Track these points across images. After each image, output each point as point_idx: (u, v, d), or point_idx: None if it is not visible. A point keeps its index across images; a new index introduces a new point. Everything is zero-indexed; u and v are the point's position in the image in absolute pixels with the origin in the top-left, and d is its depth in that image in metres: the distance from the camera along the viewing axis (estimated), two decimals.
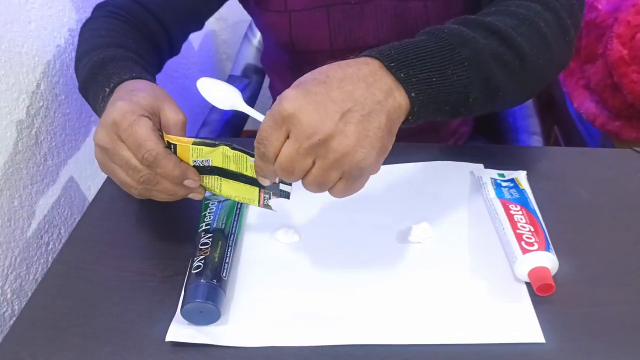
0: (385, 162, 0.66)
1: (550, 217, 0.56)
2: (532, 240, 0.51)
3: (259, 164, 0.46)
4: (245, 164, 0.49)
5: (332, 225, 0.59)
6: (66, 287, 0.54)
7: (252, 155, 0.47)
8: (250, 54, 1.12)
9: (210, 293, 0.48)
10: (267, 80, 1.08)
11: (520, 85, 0.54)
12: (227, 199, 0.58)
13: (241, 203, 0.59)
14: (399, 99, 0.45)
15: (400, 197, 0.62)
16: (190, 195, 0.52)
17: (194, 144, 0.49)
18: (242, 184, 0.51)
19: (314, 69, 0.46)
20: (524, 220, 0.54)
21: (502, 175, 0.62)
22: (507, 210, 0.56)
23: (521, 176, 0.62)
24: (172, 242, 0.58)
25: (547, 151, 0.68)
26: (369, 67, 0.46)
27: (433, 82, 0.47)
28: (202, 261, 0.50)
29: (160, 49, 0.71)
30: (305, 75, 0.45)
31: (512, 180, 0.61)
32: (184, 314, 0.48)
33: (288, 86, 0.44)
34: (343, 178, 0.44)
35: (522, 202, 0.57)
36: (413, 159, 0.66)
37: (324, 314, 0.50)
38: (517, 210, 0.55)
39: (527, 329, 0.48)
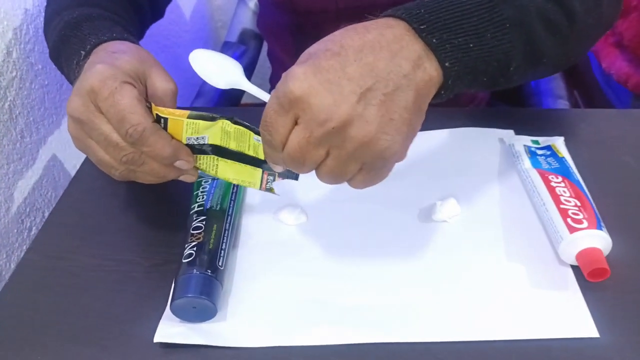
0: None
1: (594, 188, 0.48)
2: (580, 216, 0.44)
3: (267, 150, 0.39)
4: (247, 142, 0.42)
5: (344, 204, 0.51)
6: (41, 279, 0.47)
7: (257, 132, 0.40)
8: (246, 17, 1.03)
9: (204, 286, 0.41)
10: (265, 47, 1.01)
11: (565, 49, 0.46)
12: None
13: None
14: (430, 70, 0.37)
15: (422, 169, 0.54)
16: (182, 178, 0.45)
17: (188, 117, 0.41)
18: (242, 164, 0.44)
19: (316, 31, 0.38)
20: (567, 194, 0.46)
21: (537, 143, 0.55)
22: (546, 182, 0.48)
23: (559, 143, 0.54)
24: (160, 226, 0.51)
25: (585, 114, 0.60)
26: (394, 31, 0.37)
27: (470, 48, 0.39)
28: (195, 248, 0.43)
29: (142, 11, 0.63)
30: (315, 45, 0.38)
31: (548, 147, 0.53)
32: (175, 311, 0.41)
33: (288, 52, 0.37)
34: (363, 169, 0.38)
35: (564, 172, 0.49)
36: (433, 126, 0.59)
37: (337, 307, 0.43)
38: (559, 182, 0.48)
39: (578, 321, 0.41)
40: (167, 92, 0.44)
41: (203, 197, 0.48)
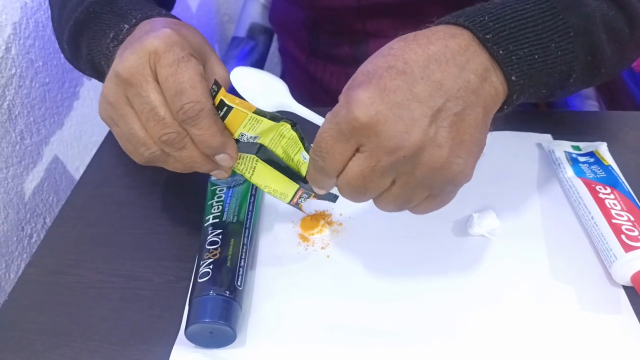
0: None
1: None
2: (636, 233, 0.40)
3: (314, 175, 0.36)
4: (295, 153, 0.39)
5: (373, 215, 0.47)
6: (41, 297, 0.43)
7: (307, 149, 0.37)
8: (255, 11, 0.99)
9: (222, 309, 0.37)
10: (274, 43, 0.96)
11: (622, 58, 0.42)
12: (237, 184, 0.47)
13: (256, 188, 0.47)
14: (496, 84, 0.34)
15: None
16: (213, 173, 0.40)
17: (255, 112, 0.37)
18: (281, 174, 0.40)
19: (335, 27, 0.33)
20: (619, 207, 0.42)
21: (578, 149, 0.50)
22: (594, 193, 0.44)
23: (602, 149, 0.50)
24: (172, 238, 0.47)
25: (628, 117, 0.56)
26: (458, 42, 0.34)
27: (535, 60, 0.35)
28: (211, 266, 0.39)
29: None
30: (374, 60, 0.34)
31: (591, 154, 0.49)
32: (190, 336, 0.37)
33: (302, 48, 0.33)
34: (431, 195, 0.34)
35: (612, 182, 0.45)
36: None
37: (365, 332, 0.39)
38: (608, 194, 0.43)
39: (633, 349, 0.37)
40: (226, 82, 0.39)
41: (219, 208, 0.44)
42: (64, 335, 0.40)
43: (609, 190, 0.44)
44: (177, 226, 0.48)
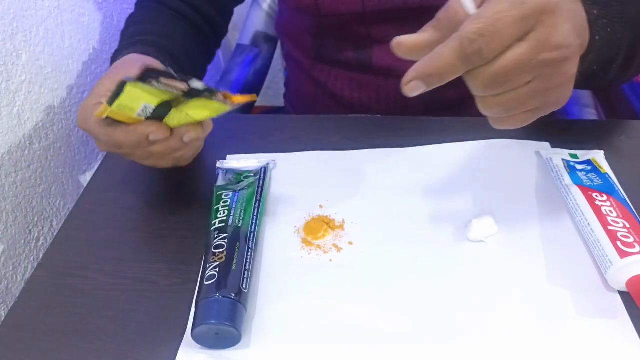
0: (432, 141, 0.56)
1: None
2: (631, 239, 0.41)
3: (450, 61, 0.33)
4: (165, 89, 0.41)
5: (375, 221, 0.48)
6: (50, 299, 0.44)
7: (154, 77, 0.39)
8: (259, 20, 1.00)
9: (228, 311, 0.38)
10: (278, 50, 0.98)
11: None
12: (242, 189, 0.48)
13: (262, 191, 0.48)
14: (586, 39, 0.37)
15: (455, 183, 0.51)
16: (185, 138, 0.45)
17: (108, 103, 0.41)
18: (192, 100, 0.42)
19: (340, 33, 0.35)
20: (615, 214, 0.43)
21: (576, 157, 0.51)
22: (590, 200, 0.45)
23: (599, 157, 0.51)
24: (178, 242, 0.48)
25: (624, 125, 0.57)
26: None
27: (607, 32, 0.39)
28: (217, 269, 0.40)
29: (206, 35, 0.69)
30: None
31: (588, 162, 0.50)
32: (196, 338, 0.38)
33: (307, 54, 0.34)
34: (536, 109, 0.36)
35: (608, 189, 0.46)
36: (462, 137, 0.55)
37: (369, 334, 0.40)
38: (604, 201, 0.44)
39: (628, 353, 0.38)
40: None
41: (224, 213, 0.45)
42: (73, 336, 0.41)
43: (605, 197, 0.45)
44: (183, 230, 0.49)
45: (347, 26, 0.66)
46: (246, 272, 0.41)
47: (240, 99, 0.43)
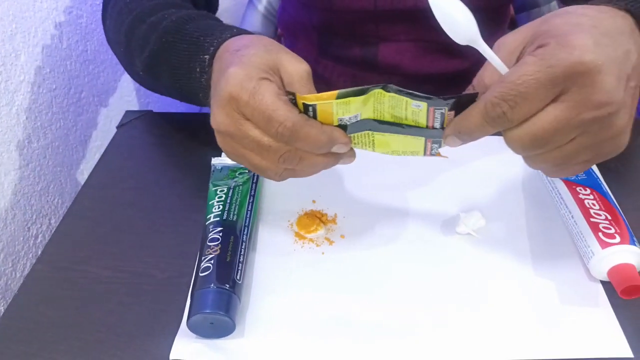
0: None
1: (622, 201, 0.47)
2: (612, 231, 0.42)
3: (477, 123, 0.34)
4: (404, 110, 0.38)
5: (364, 216, 0.50)
6: (50, 292, 0.46)
7: (415, 97, 0.36)
8: (256, 21, 1.01)
9: (222, 301, 0.39)
10: None
11: None
12: (237, 185, 0.49)
13: (256, 187, 0.50)
14: None
15: (443, 179, 0.53)
16: (341, 162, 0.41)
17: (337, 97, 0.36)
18: (400, 135, 0.40)
19: (347, 29, 0.35)
20: (597, 207, 0.45)
21: None
22: (574, 194, 0.46)
23: None
24: (174, 237, 0.50)
25: None
26: (628, 22, 0.35)
27: None
28: (212, 261, 0.42)
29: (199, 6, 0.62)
30: (568, 18, 0.34)
31: None
32: (191, 327, 0.40)
33: (311, 52, 0.35)
34: (589, 160, 0.35)
35: (592, 184, 0.47)
36: None
37: (359, 324, 0.41)
38: (587, 194, 0.46)
39: (610, 340, 0.39)
40: (302, 75, 0.39)
41: (219, 208, 0.47)
42: (73, 328, 0.43)
43: (588, 191, 0.46)
44: (180, 225, 0.51)
45: (356, 23, 0.66)
46: (240, 265, 0.42)
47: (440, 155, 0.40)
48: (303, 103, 0.37)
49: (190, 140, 0.62)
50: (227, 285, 0.40)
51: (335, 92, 0.36)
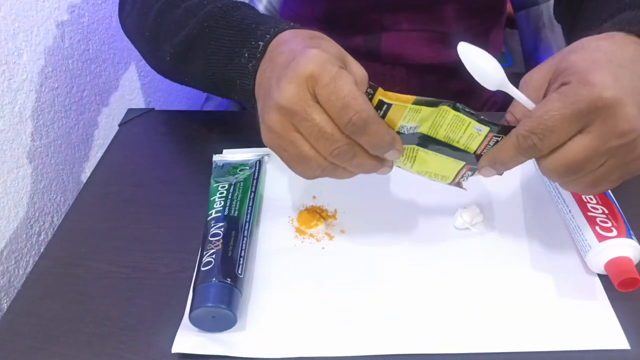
0: None
1: (619, 195, 0.47)
2: (609, 224, 0.43)
3: (510, 154, 0.37)
4: (462, 132, 0.38)
5: (365, 210, 0.50)
6: (54, 287, 0.46)
7: (481, 121, 0.37)
8: None
9: (224, 295, 0.40)
10: None
11: None
12: (238, 181, 0.50)
13: (257, 184, 0.50)
14: None
15: None
16: (379, 172, 0.40)
17: (414, 103, 0.36)
18: (443, 156, 0.40)
19: (350, 19, 0.35)
20: (594, 201, 0.45)
21: None
22: None
23: None
24: (176, 232, 0.50)
25: None
26: (638, 48, 0.38)
27: None
28: (213, 256, 0.42)
29: None
30: (584, 55, 0.37)
31: None
32: (193, 320, 0.40)
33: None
34: (620, 177, 0.38)
35: None
36: None
37: (359, 317, 0.42)
38: None
39: (607, 332, 0.40)
40: (364, 79, 0.39)
41: (221, 203, 0.47)
42: (77, 322, 0.43)
43: None
44: (182, 221, 0.51)
45: (359, 12, 0.66)
46: (241, 259, 0.43)
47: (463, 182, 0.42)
48: (379, 100, 0.37)
49: (192, 138, 0.62)
50: (229, 280, 0.41)
51: (413, 97, 0.36)
